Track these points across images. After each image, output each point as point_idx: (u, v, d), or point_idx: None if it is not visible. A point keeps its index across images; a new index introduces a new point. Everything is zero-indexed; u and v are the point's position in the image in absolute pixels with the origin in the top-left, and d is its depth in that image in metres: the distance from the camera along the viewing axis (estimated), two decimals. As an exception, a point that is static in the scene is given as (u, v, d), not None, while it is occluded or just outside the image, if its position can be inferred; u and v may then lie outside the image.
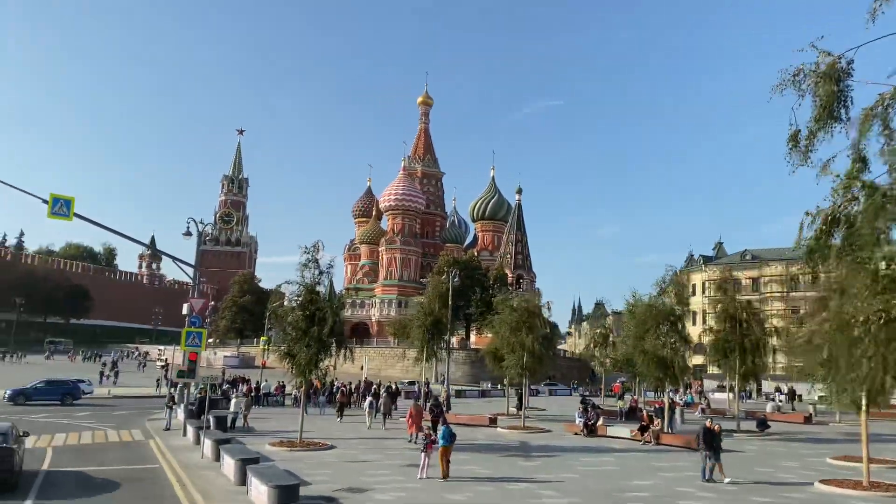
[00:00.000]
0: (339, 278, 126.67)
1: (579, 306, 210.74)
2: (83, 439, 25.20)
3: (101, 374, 56.24)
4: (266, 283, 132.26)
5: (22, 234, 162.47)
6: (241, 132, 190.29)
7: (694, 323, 61.42)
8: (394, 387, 43.45)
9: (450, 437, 17.81)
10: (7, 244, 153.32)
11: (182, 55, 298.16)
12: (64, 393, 39.10)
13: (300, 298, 22.91)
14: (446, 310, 38.67)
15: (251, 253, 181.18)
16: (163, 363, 44.72)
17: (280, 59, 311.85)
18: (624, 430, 27.32)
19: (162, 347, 52.66)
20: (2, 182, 21.74)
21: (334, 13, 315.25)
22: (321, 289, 23.52)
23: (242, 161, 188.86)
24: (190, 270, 31.53)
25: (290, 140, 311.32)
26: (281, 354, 23.16)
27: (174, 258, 27.64)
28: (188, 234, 33.72)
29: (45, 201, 22.08)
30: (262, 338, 53.67)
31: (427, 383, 48.16)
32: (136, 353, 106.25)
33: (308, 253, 23.31)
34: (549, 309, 31.40)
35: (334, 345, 23.17)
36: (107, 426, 29.21)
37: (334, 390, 41.86)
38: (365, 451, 22.60)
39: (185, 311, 33.45)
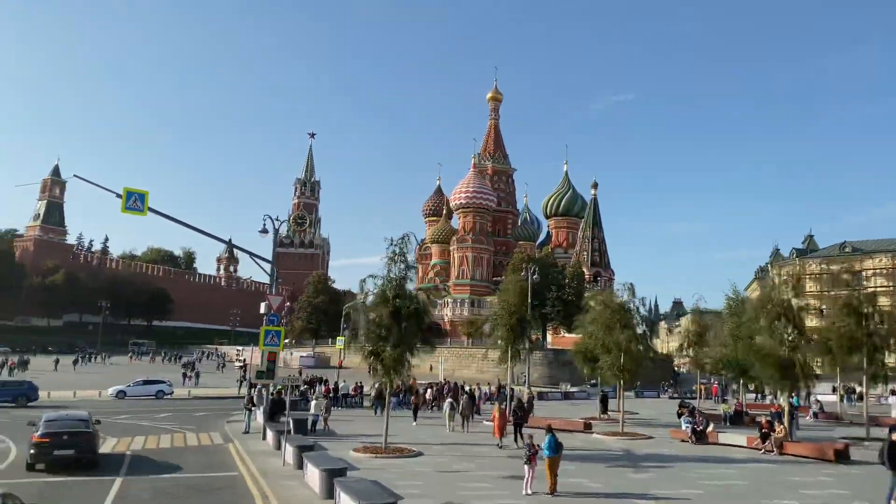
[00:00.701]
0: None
1: (656, 305, 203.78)
2: (162, 442, 24.36)
3: (184, 375, 56.53)
4: (339, 285, 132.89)
5: (107, 239, 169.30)
6: (312, 135, 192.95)
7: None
8: (473, 389, 41.54)
9: (556, 448, 15.81)
10: (93, 250, 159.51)
11: (251, 57, 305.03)
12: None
13: (386, 293, 21.24)
14: (525, 308, 36.50)
15: (324, 255, 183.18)
16: (241, 363, 44.11)
17: (348, 60, 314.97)
18: (739, 438, 24.56)
19: (240, 348, 52.26)
20: (77, 177, 20.98)
21: (399, 11, 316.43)
22: (409, 285, 21.91)
23: (314, 164, 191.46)
24: (267, 269, 30.76)
25: (360, 141, 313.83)
26: (365, 354, 21.58)
27: (251, 254, 26.79)
28: (264, 231, 33.03)
29: (118, 195, 21.29)
30: (338, 337, 52.73)
31: (503, 385, 46.26)
32: (215, 353, 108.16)
33: (395, 245, 21.69)
34: (643, 306, 28.69)
35: (420, 344, 21.48)
36: (186, 428, 28.44)
37: (410, 392, 40.49)
38: (456, 459, 20.80)
39: (262, 309, 32.46)
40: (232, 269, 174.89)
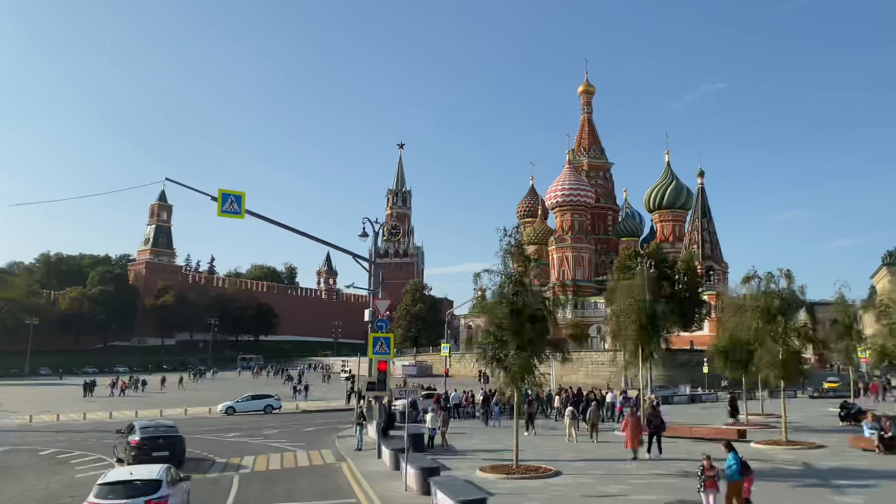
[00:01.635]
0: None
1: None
2: (272, 463, 22.66)
3: (294, 388, 55.86)
4: (434, 293, 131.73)
5: (213, 259, 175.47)
6: (401, 146, 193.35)
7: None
8: (598, 394, 38.22)
9: (743, 469, 12.64)
10: (200, 270, 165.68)
11: (339, 69, 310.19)
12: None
13: (504, 291, 18.63)
14: (655, 304, 32.93)
15: (418, 264, 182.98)
16: (347, 374, 42.63)
17: (430, 63, 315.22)
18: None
19: (345, 359, 51.01)
20: (168, 180, 19.54)
21: (479, 8, 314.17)
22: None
23: (405, 173, 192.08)
24: (367, 268, 28.96)
25: (447, 147, 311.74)
26: (486, 360, 19.04)
27: (354, 255, 24.95)
28: (364, 234, 31.52)
29: (214, 198, 19.65)
30: (443, 344, 50.70)
31: (626, 392, 42.78)
32: (319, 365, 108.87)
33: (509, 237, 19.10)
34: (802, 294, 24.64)
35: (549, 348, 18.77)
36: (296, 446, 26.79)
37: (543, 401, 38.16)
38: (600, 479, 17.85)
39: (367, 316, 30.76)
40: (331, 281, 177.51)
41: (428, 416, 23.76)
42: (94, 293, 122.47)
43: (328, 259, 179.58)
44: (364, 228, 31.28)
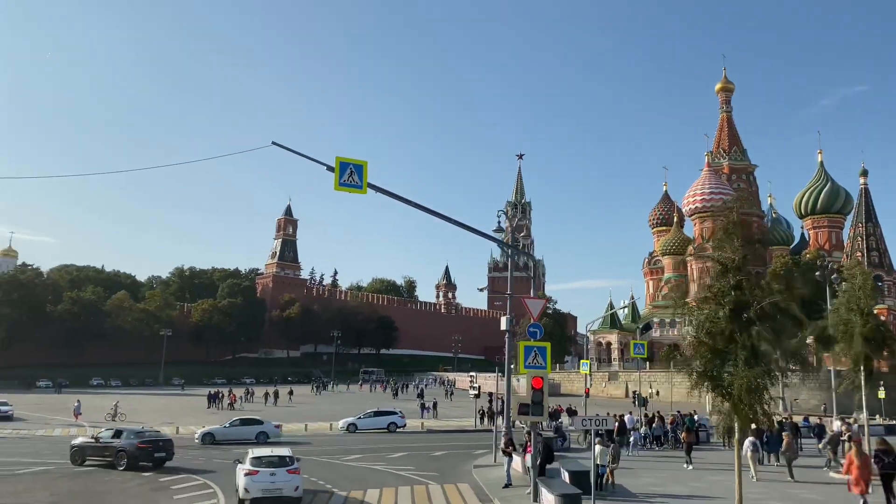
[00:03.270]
0: (640, 294, 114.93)
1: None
2: (401, 498, 18.51)
3: (422, 406, 51.80)
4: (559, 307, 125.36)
5: (336, 273, 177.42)
6: (520, 157, 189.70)
7: None
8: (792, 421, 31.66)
9: None
10: (324, 283, 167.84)
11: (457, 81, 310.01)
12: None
13: (719, 286, 13.54)
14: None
15: (539, 277, 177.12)
16: (475, 391, 38.18)
17: (549, 71, 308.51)
18: None
19: (473, 374, 46.53)
20: (275, 144, 15.84)
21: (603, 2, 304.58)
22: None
23: (524, 185, 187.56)
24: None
25: (568, 155, 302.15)
26: (696, 377, 13.97)
27: (500, 242, 20.39)
28: (499, 230, 27.65)
29: (329, 168, 15.77)
30: (581, 361, 45.28)
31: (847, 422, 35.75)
32: (441, 380, 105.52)
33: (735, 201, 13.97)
34: None
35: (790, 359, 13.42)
36: (427, 476, 22.54)
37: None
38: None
39: (503, 324, 26.61)
40: (450, 295, 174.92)
41: (597, 449, 18.79)
42: (223, 305, 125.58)
43: (447, 272, 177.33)
44: (499, 223, 27.21)
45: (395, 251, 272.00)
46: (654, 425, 31.51)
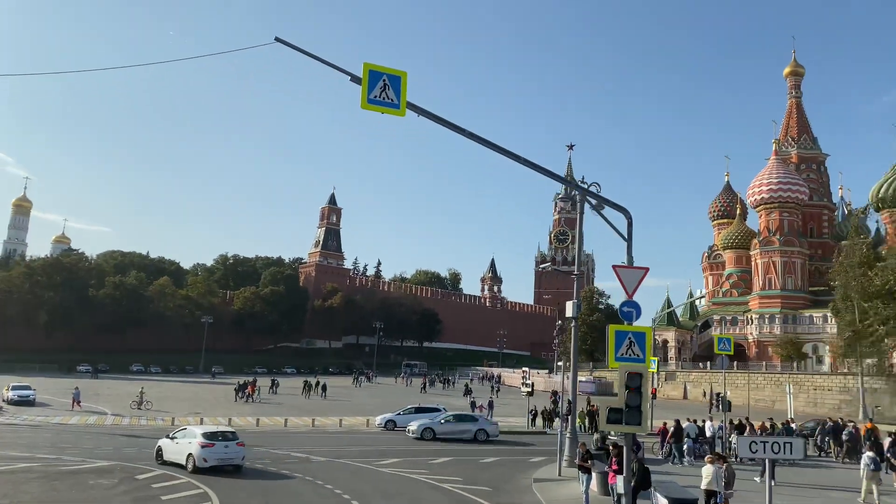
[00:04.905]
0: (698, 290, 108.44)
1: None
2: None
3: (473, 404, 46.09)
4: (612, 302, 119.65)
5: (379, 263, 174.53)
6: (570, 147, 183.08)
7: None
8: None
9: None
10: (367, 274, 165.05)
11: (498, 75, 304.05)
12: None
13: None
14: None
15: (588, 272, 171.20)
16: (528, 389, 33.80)
17: (604, 56, 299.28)
18: None
19: (525, 368, 41.93)
20: (278, 40, 11.68)
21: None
22: None
23: (574, 176, 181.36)
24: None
25: (621, 146, 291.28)
26: None
27: (557, 176, 15.90)
28: (568, 185, 22.61)
29: (356, 78, 11.60)
30: (649, 357, 40.46)
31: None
32: (487, 376, 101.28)
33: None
34: None
35: None
36: (476, 489, 18.37)
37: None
38: None
39: (569, 310, 22.38)
40: (496, 288, 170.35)
41: (707, 469, 14.28)
42: (265, 293, 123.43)
43: (492, 266, 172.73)
44: (566, 191, 22.68)
45: (440, 243, 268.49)
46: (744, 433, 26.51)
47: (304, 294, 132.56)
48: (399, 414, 36.60)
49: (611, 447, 16.66)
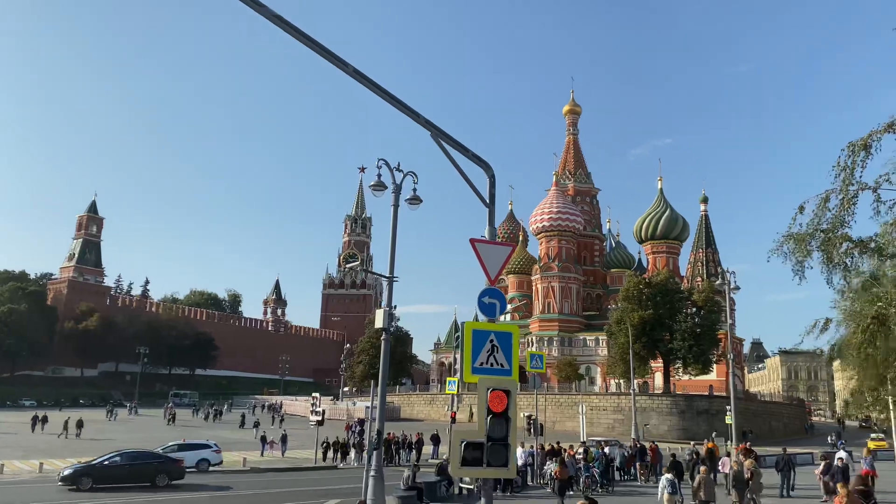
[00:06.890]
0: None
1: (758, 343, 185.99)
2: None
3: (263, 440, 39.91)
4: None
5: (147, 282, 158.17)
6: (362, 170, 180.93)
7: None
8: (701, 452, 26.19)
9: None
10: (132, 293, 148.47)
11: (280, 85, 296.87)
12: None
13: None
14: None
15: (377, 296, 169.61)
16: (318, 417, 29.37)
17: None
18: None
19: (316, 395, 37.23)
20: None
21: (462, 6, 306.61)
22: None
23: (365, 200, 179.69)
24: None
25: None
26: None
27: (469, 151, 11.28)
28: (379, 185, 19.88)
29: None
30: (448, 379, 38.22)
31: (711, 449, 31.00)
32: (268, 405, 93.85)
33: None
34: None
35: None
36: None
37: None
38: None
39: (378, 320, 19.16)
40: (280, 311, 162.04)
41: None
42: (2, 312, 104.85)
43: (277, 287, 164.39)
44: (379, 176, 19.38)
45: (219, 262, 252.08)
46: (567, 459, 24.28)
47: (51, 314, 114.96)
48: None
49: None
